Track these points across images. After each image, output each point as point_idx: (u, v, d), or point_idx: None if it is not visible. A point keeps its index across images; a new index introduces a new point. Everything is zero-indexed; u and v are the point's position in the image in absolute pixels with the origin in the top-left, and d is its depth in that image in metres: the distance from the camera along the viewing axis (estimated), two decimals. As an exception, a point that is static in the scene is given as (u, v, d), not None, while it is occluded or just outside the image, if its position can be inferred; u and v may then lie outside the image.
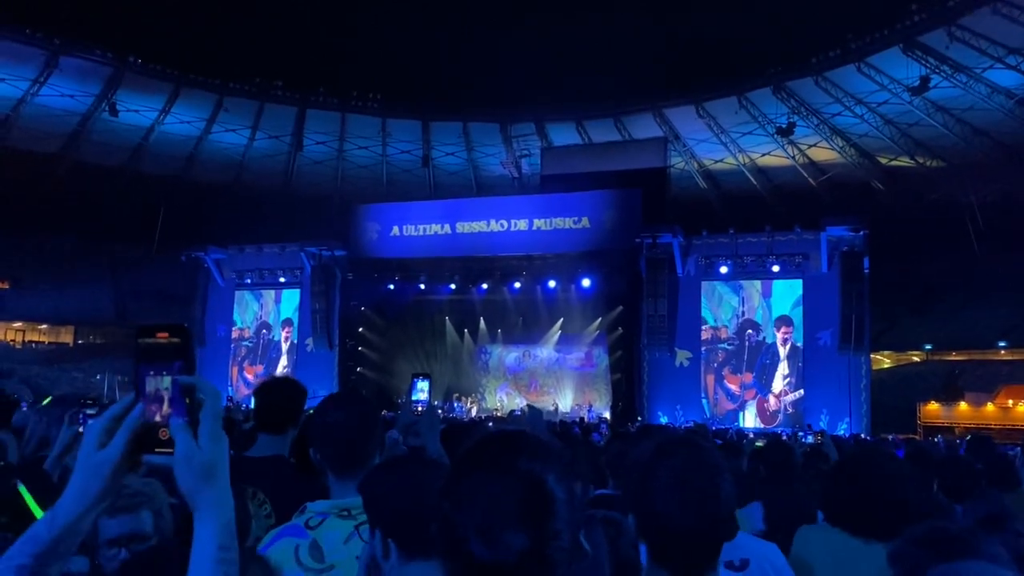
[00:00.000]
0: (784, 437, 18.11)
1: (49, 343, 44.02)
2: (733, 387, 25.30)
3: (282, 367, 29.58)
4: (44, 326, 44.23)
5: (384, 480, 1.74)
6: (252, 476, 2.41)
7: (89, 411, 3.15)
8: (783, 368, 24.72)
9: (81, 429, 3.10)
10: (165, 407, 1.20)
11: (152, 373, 1.21)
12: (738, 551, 2.08)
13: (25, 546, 1.19)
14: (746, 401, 25.04)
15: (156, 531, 2.23)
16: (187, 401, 1.20)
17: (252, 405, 3.30)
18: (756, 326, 25.21)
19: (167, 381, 1.21)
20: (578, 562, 1.12)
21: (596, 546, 1.85)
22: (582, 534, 1.13)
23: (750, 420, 24.57)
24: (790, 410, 24.32)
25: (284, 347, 30.22)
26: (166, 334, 1.22)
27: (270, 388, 3.24)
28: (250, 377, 29.77)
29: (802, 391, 24.35)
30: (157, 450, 1.19)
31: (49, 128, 40.90)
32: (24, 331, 43.87)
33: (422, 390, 15.96)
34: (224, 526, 1.18)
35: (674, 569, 1.56)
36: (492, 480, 1.10)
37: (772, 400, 24.68)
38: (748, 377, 25.08)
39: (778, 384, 24.69)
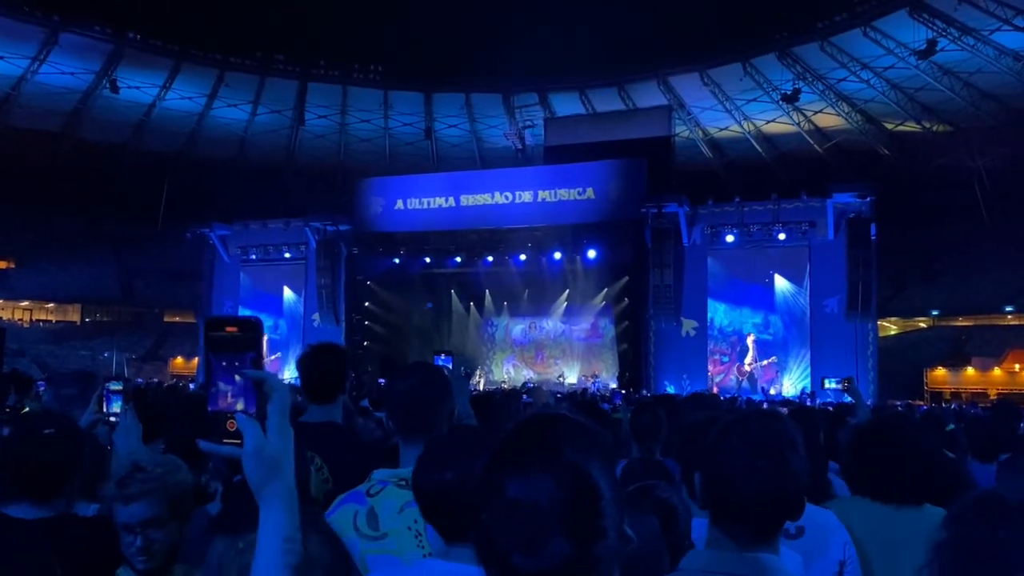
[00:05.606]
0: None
1: (56, 321, 44.21)
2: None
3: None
4: (51, 305, 44.40)
5: (426, 462, 1.75)
6: (308, 442, 2.44)
7: (113, 385, 3.10)
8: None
9: (107, 408, 3.05)
10: (232, 399, 1.21)
11: (223, 364, 1.21)
12: None
13: None
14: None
15: (173, 514, 2.20)
16: (256, 394, 1.20)
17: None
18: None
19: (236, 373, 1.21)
20: (623, 552, 1.06)
21: (652, 539, 1.84)
22: (626, 523, 1.08)
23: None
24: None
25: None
26: (235, 328, 1.22)
27: (314, 358, 3.12)
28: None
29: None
30: (225, 440, 1.19)
31: (50, 106, 40.79)
32: (31, 310, 44.04)
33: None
34: (289, 517, 1.20)
35: (733, 535, 1.59)
36: (533, 482, 1.02)
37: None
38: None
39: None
